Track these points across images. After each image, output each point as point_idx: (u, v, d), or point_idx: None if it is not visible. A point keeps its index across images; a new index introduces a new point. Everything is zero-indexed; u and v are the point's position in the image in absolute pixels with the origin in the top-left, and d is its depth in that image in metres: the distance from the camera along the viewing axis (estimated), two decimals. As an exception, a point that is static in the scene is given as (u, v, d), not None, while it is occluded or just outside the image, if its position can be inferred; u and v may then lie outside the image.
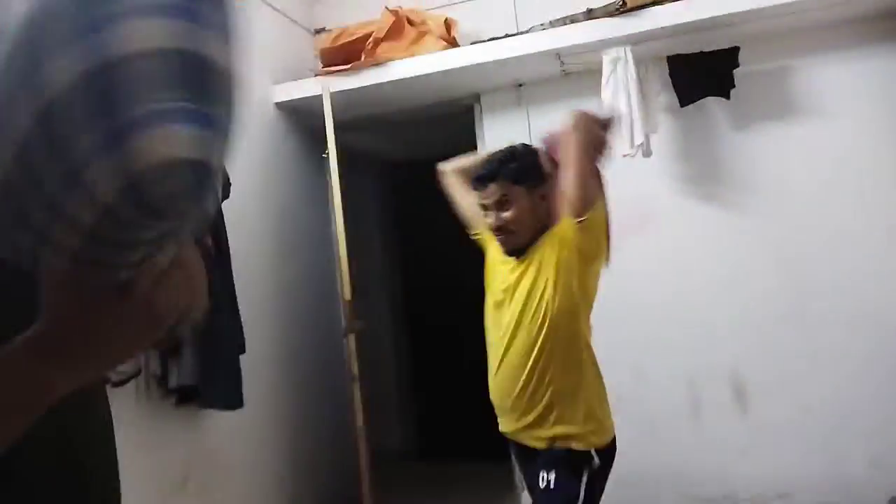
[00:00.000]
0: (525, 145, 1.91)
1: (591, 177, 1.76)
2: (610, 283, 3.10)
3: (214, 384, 2.17)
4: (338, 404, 2.99)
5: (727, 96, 2.91)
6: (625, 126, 2.78)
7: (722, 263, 3.02)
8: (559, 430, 1.70)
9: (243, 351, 2.34)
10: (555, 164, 1.87)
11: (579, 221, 1.69)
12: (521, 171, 1.79)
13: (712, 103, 2.99)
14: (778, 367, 2.93)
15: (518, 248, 1.79)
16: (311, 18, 3.71)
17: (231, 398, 2.23)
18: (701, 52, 2.91)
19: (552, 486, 1.67)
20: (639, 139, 2.79)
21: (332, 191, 2.85)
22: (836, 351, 2.86)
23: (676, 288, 3.08)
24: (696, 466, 3.01)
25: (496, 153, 1.86)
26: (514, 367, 1.74)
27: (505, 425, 1.83)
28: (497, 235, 1.81)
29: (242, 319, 2.47)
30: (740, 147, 3.02)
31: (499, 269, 1.86)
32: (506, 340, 1.77)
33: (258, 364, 2.71)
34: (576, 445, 1.69)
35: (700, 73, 2.89)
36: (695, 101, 2.93)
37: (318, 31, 3.69)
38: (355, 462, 2.83)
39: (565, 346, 1.72)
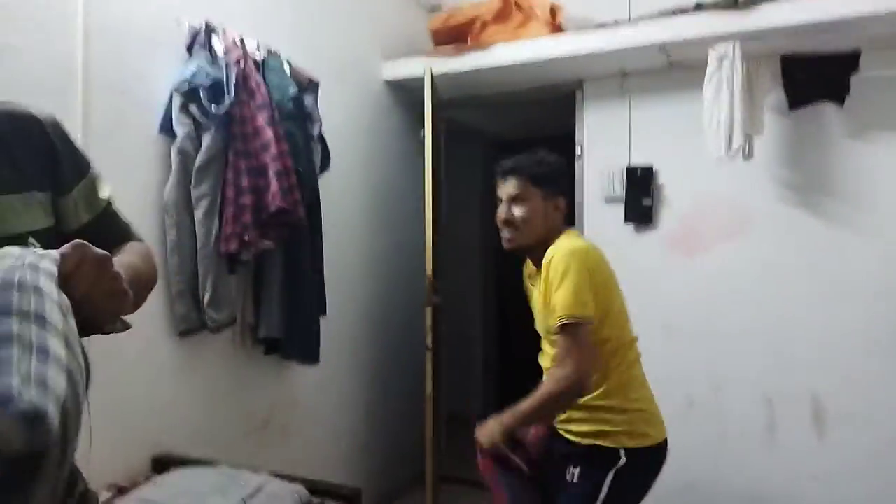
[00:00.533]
0: (558, 157, 1.87)
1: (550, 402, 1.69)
2: (696, 285, 3.09)
3: (294, 339, 2.42)
4: (416, 372, 3.17)
5: (841, 102, 2.73)
6: (723, 127, 2.70)
7: (818, 279, 2.87)
8: (587, 427, 1.75)
9: (324, 313, 2.57)
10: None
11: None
12: (543, 174, 1.79)
13: (826, 108, 2.81)
14: (864, 395, 2.78)
15: (519, 249, 1.82)
16: (428, -5, 3.83)
17: (308, 353, 2.47)
18: (818, 53, 2.73)
19: (575, 479, 1.73)
20: (738, 141, 2.69)
21: (425, 173, 2.98)
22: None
23: (766, 299, 2.96)
24: (765, 485, 2.94)
25: (527, 153, 1.85)
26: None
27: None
28: (502, 229, 1.82)
29: (332, 285, 2.71)
30: (853, 157, 2.82)
31: (528, 286, 1.93)
32: (544, 346, 1.86)
33: (342, 326, 2.95)
34: (603, 442, 1.73)
35: (814, 76, 2.72)
36: (806, 104, 2.78)
37: (433, 10, 3.80)
38: (426, 428, 3.02)
39: None
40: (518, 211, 1.77)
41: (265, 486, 1.82)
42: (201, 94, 2.13)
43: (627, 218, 3.23)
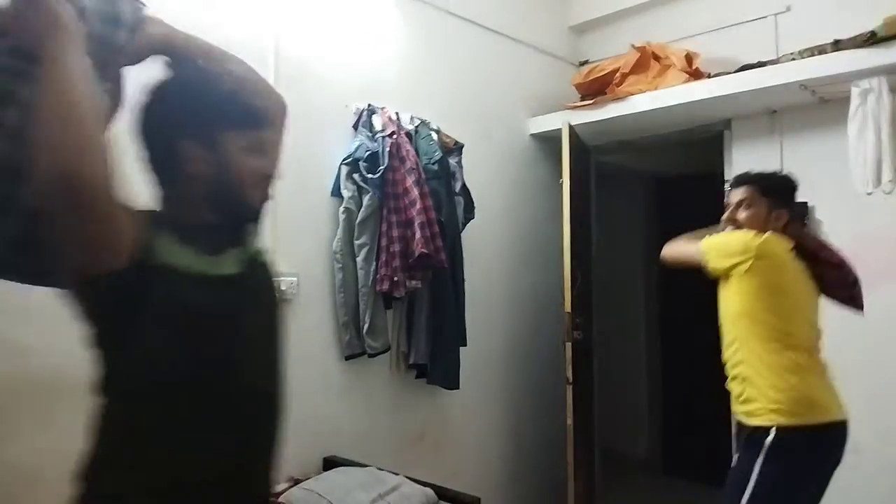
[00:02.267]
0: (789, 176, 2.17)
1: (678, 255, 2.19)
2: (861, 326, 2.95)
3: (437, 366, 2.79)
4: (563, 405, 3.35)
5: None
6: (870, 162, 2.61)
7: None
8: (744, 407, 1.96)
9: (464, 344, 2.92)
10: None
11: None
12: (771, 186, 2.08)
13: None
14: None
15: None
16: (576, 52, 4.11)
17: (450, 379, 2.83)
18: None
19: (734, 463, 1.95)
20: (888, 176, 2.58)
21: (563, 214, 3.23)
22: None
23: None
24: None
25: (762, 171, 2.18)
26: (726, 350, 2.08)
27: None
28: (725, 228, 2.12)
29: (474, 319, 3.06)
30: None
31: None
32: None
33: (483, 357, 3.28)
34: (756, 422, 1.89)
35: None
36: (966, 134, 2.57)
37: (581, 64, 4.07)
38: (566, 457, 3.21)
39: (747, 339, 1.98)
40: (743, 215, 2.06)
41: (400, 486, 2.19)
42: (361, 165, 2.63)
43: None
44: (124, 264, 0.91)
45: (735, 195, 2.09)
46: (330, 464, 2.55)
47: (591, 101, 3.46)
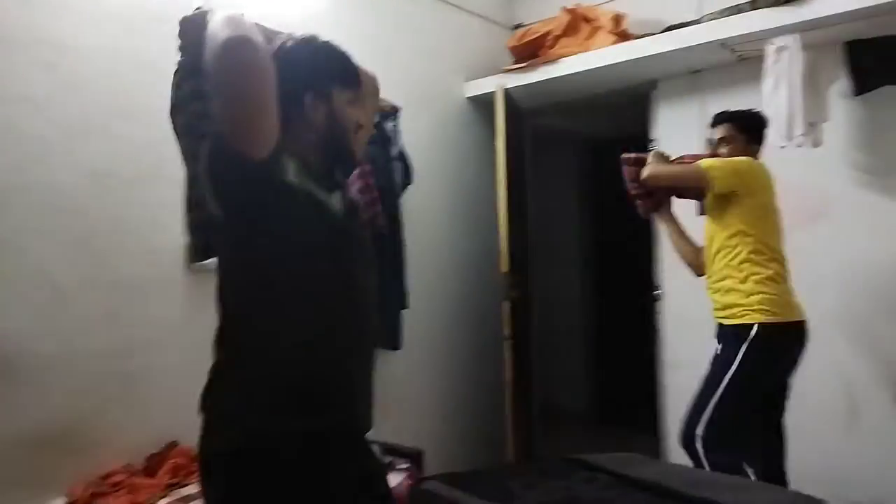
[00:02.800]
0: (761, 113, 2.44)
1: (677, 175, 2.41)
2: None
3: (379, 328, 2.84)
4: (500, 360, 3.45)
5: (909, 85, 2.67)
6: (783, 116, 2.75)
7: (900, 262, 2.82)
8: (729, 311, 2.25)
9: (406, 306, 2.97)
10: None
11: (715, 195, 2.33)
12: (747, 123, 2.36)
13: (900, 90, 2.76)
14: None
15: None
16: (511, 16, 4.13)
17: (391, 341, 2.88)
18: (885, 36, 2.70)
19: (718, 352, 2.26)
20: (798, 129, 2.73)
21: (498, 177, 3.29)
22: None
23: (845, 283, 2.94)
24: (847, 468, 2.91)
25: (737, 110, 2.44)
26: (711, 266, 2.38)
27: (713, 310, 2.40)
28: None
29: (416, 282, 3.10)
30: (933, 138, 2.74)
31: None
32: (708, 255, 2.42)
33: (424, 319, 3.33)
34: (742, 321, 2.18)
35: (880, 60, 2.69)
36: (871, 89, 2.74)
37: (516, 27, 4.10)
38: (505, 412, 3.32)
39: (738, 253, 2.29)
40: (724, 149, 2.32)
41: (347, 446, 2.22)
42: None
43: (701, 211, 3.31)
44: (266, 155, 1.08)
45: (716, 132, 2.35)
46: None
47: (524, 65, 3.51)
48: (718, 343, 2.37)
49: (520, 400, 3.43)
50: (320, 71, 1.24)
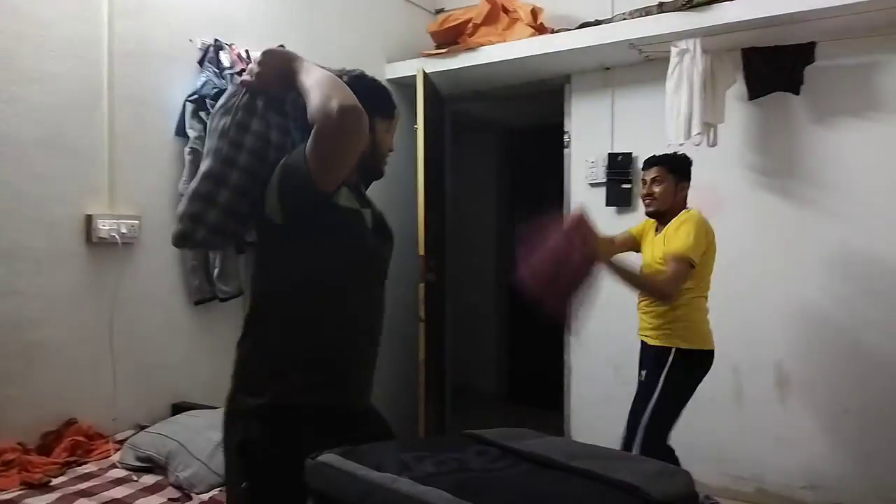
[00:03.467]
0: (686, 155, 2.64)
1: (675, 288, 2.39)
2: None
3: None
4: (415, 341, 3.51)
5: (796, 92, 2.90)
6: (682, 116, 2.92)
7: (784, 256, 3.07)
8: (657, 332, 2.49)
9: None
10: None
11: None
12: (675, 164, 2.56)
13: (789, 96, 2.98)
14: (822, 364, 2.97)
15: (655, 213, 2.56)
16: (433, 0, 4.16)
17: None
18: (777, 45, 2.91)
19: (643, 378, 2.53)
20: (696, 129, 2.91)
21: (418, 161, 3.33)
22: (883, 357, 2.84)
23: (734, 274, 3.16)
24: (732, 446, 3.17)
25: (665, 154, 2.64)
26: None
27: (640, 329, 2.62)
28: (644, 200, 2.58)
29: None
30: (815, 142, 2.99)
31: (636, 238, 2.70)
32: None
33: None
34: (664, 343, 2.45)
35: (772, 67, 2.90)
36: (763, 95, 2.96)
37: (438, 12, 4.13)
38: (418, 390, 3.39)
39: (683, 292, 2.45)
40: (657, 189, 2.52)
41: (253, 424, 2.22)
42: (208, 103, 2.54)
43: (609, 201, 3.48)
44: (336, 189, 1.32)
45: (649, 174, 2.57)
46: (179, 410, 2.52)
47: (445, 50, 3.55)
48: (641, 363, 2.61)
49: (432, 379, 3.51)
50: (369, 104, 1.35)
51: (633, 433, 2.52)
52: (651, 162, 2.60)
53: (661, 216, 2.55)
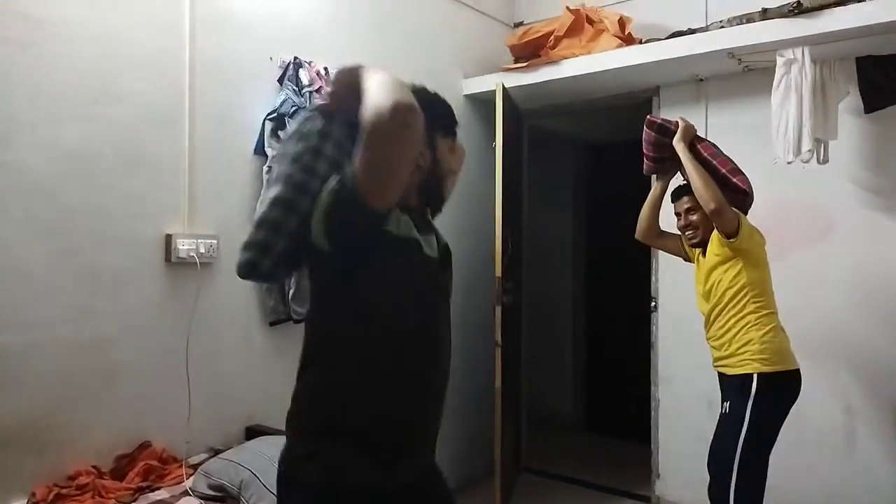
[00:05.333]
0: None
1: (715, 191, 2.27)
2: (776, 289, 3.05)
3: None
4: (489, 367, 3.35)
5: (922, 103, 2.61)
6: (791, 131, 2.68)
7: (903, 285, 2.76)
8: (732, 360, 2.33)
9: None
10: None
11: (729, 242, 2.30)
12: None
13: (914, 109, 2.69)
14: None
15: (700, 242, 2.45)
16: (512, 13, 4.04)
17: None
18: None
19: (727, 409, 2.33)
20: (806, 146, 2.66)
21: (496, 179, 3.20)
22: None
23: (849, 305, 2.88)
24: (842, 492, 2.86)
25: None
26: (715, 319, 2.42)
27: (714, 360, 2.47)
28: (685, 232, 2.50)
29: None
30: (941, 159, 2.68)
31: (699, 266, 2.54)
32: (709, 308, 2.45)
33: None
34: (743, 370, 2.28)
35: (891, 78, 2.62)
36: (882, 107, 2.68)
37: (517, 25, 4.00)
38: (494, 419, 3.23)
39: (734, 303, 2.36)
40: (693, 217, 2.44)
41: (326, 455, 2.12)
42: (287, 122, 2.49)
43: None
44: (388, 209, 1.18)
45: (681, 205, 2.48)
46: (252, 433, 2.46)
47: (525, 64, 3.41)
48: (723, 394, 2.42)
49: (508, 407, 3.34)
50: (429, 117, 1.26)
51: (726, 476, 2.27)
52: (679, 192, 2.51)
53: (706, 245, 2.44)
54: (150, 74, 2.28)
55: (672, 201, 2.54)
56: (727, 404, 2.35)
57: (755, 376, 2.26)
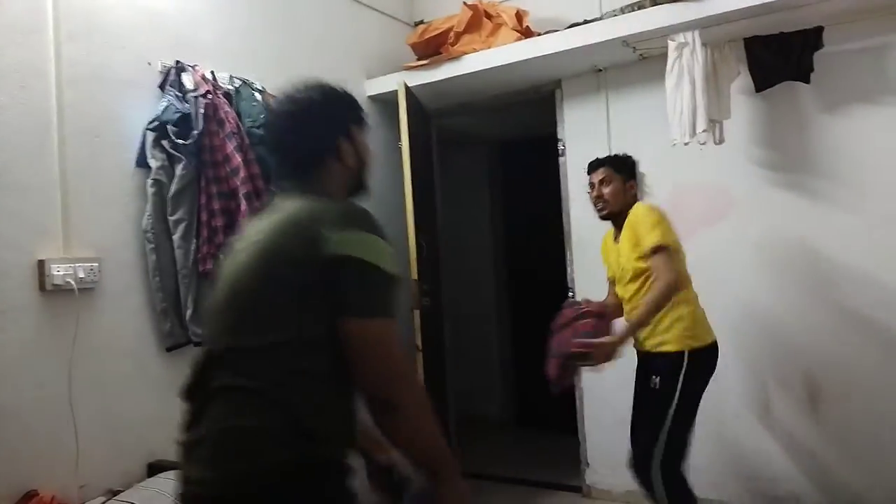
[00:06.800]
0: (629, 155, 2.59)
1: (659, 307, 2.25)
2: (692, 272, 3.06)
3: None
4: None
5: (807, 80, 2.71)
6: (686, 113, 2.72)
7: (804, 256, 2.85)
8: (657, 339, 2.33)
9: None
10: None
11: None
12: (620, 164, 2.53)
13: (796, 86, 2.79)
14: (852, 371, 2.74)
15: (609, 215, 2.48)
16: (412, 12, 3.97)
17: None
18: (781, 33, 2.72)
19: (657, 385, 2.31)
20: (701, 126, 2.71)
21: (405, 179, 3.11)
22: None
23: (755, 281, 2.96)
24: (765, 464, 2.92)
25: (608, 155, 2.65)
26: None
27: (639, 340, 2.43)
28: (596, 204, 2.52)
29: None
30: (829, 133, 2.79)
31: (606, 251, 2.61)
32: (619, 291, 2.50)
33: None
34: (673, 348, 2.29)
35: (778, 56, 2.71)
36: (771, 85, 2.77)
37: (417, 24, 3.93)
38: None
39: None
40: (606, 189, 2.46)
41: (235, 484, 1.97)
42: (169, 129, 2.32)
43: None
44: None
45: (596, 176, 2.51)
46: (156, 469, 2.26)
47: (426, 62, 3.35)
48: (651, 373, 2.38)
49: (435, 410, 3.24)
50: (341, 114, 1.31)
51: (652, 449, 2.28)
52: (595, 164, 2.55)
53: (615, 217, 2.48)
54: (9, 87, 2.07)
55: (588, 172, 2.57)
56: (657, 380, 2.34)
57: (686, 353, 2.30)
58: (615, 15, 2.99)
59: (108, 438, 2.21)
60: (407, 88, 3.22)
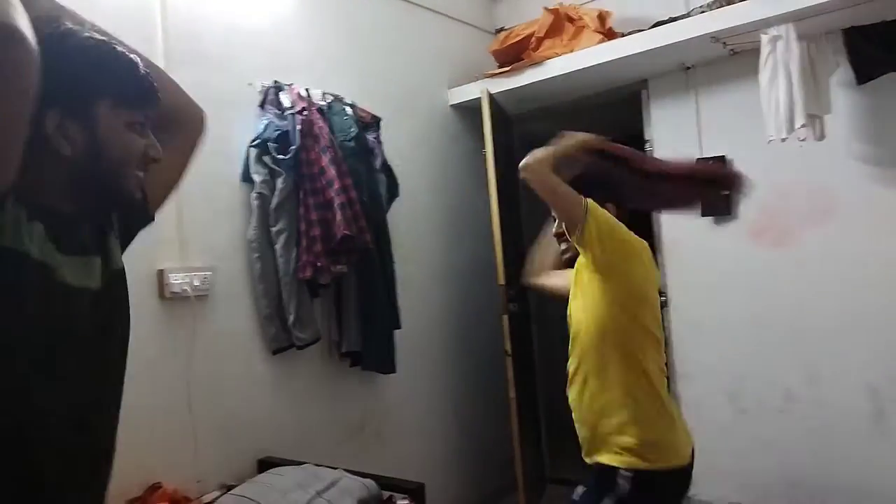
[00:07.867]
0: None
1: (556, 190, 1.74)
2: (785, 276, 2.97)
3: (371, 352, 2.68)
4: (501, 378, 3.29)
5: (914, 69, 2.56)
6: (782, 109, 2.63)
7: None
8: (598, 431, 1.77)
9: (398, 326, 2.82)
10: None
11: (578, 240, 1.70)
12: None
13: (902, 76, 2.64)
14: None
15: (573, 259, 1.90)
16: (492, 20, 4.02)
17: (385, 364, 2.73)
18: (883, 21, 2.59)
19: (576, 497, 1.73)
20: (799, 122, 2.60)
21: (490, 186, 3.16)
22: None
23: (862, 284, 2.81)
24: (874, 479, 2.77)
25: None
26: None
27: None
28: (560, 243, 1.95)
29: (407, 300, 2.96)
30: (941, 123, 2.63)
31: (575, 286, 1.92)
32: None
33: (419, 339, 3.18)
34: (609, 459, 1.67)
35: (881, 47, 2.57)
36: (874, 77, 2.63)
37: (498, 31, 3.98)
38: (511, 432, 3.16)
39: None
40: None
41: (339, 480, 2.07)
42: (270, 146, 2.46)
43: (704, 211, 3.18)
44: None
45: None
46: (265, 465, 2.40)
47: (508, 68, 3.38)
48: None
49: (525, 419, 3.27)
50: (74, 78, 0.88)
51: None
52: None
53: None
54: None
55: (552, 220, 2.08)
56: (579, 490, 1.80)
57: (627, 475, 1.66)
58: (703, 11, 2.92)
59: (221, 436, 2.37)
60: (490, 96, 3.27)
